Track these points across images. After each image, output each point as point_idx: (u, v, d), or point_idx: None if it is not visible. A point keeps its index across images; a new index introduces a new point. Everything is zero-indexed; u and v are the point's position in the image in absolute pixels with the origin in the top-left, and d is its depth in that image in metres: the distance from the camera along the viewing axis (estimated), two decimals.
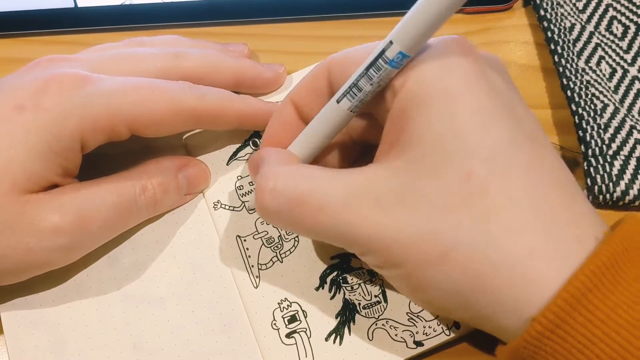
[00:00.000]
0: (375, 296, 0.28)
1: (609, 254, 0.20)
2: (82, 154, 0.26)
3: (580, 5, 0.36)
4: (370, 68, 0.23)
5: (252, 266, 0.28)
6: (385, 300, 0.27)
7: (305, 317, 0.27)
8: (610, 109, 0.32)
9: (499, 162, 0.21)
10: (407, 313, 0.27)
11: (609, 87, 0.33)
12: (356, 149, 0.29)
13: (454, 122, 0.21)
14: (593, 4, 0.36)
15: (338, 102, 0.24)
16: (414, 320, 0.27)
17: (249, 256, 0.28)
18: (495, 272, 0.21)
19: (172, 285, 0.28)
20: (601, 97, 0.32)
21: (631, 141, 0.31)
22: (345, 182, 0.23)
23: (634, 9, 0.36)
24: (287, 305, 0.27)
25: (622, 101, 0.33)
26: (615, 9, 0.36)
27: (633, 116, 0.32)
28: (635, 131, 0.31)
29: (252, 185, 0.30)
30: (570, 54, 0.33)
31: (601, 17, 0.35)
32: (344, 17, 0.36)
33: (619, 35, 0.35)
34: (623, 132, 0.31)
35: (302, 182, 0.23)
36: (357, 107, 0.24)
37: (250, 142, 0.31)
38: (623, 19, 0.35)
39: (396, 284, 0.24)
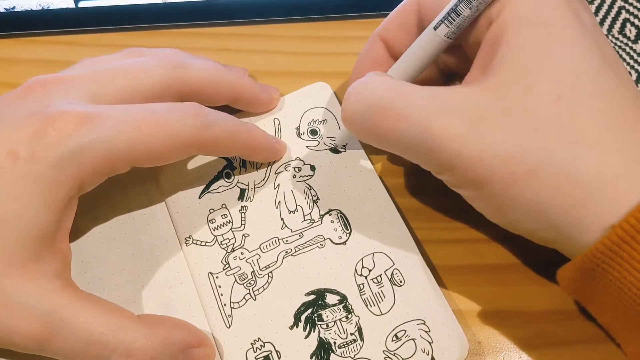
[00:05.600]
0: (351, 334, 0.27)
1: None
2: (77, 199, 0.25)
3: (592, 8, 0.34)
4: None
5: (225, 305, 0.28)
6: (362, 339, 0.27)
7: (279, 358, 0.27)
8: None
9: (586, 90, 0.22)
10: (383, 351, 0.26)
11: None
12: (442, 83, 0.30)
13: (548, 47, 0.22)
14: (605, 7, 0.34)
15: (435, 28, 0.25)
16: (391, 358, 0.26)
17: (222, 294, 0.28)
18: (584, 191, 0.21)
19: None
20: None
21: None
22: (431, 94, 0.23)
23: None
24: (261, 346, 0.27)
25: None
26: (628, 11, 0.34)
27: None
28: None
29: (225, 218, 0.29)
30: None
31: (614, 19, 0.34)
32: (344, 17, 0.35)
33: (632, 38, 0.33)
34: None
35: (387, 91, 0.24)
36: (454, 33, 0.25)
37: (224, 173, 0.30)
38: (636, 22, 0.33)
39: (477, 204, 0.24)
